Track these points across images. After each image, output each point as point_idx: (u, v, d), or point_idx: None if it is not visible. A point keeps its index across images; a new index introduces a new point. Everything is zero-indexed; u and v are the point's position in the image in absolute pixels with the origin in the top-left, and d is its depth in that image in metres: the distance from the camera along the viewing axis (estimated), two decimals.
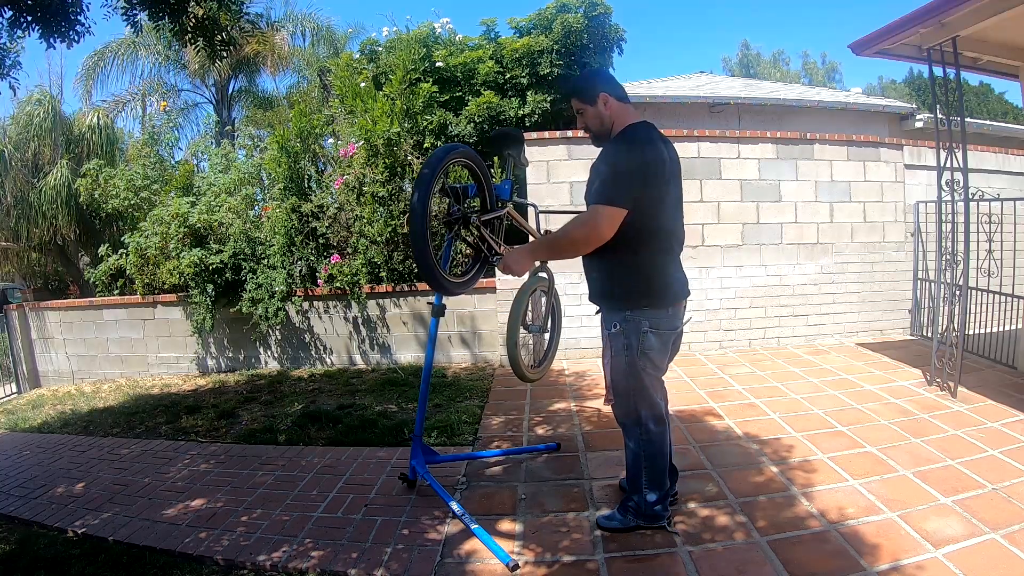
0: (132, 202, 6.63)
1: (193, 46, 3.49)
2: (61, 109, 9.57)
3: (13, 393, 7.15)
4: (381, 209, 5.38)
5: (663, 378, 2.25)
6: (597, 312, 2.31)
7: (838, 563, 2.00)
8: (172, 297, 6.12)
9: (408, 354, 5.61)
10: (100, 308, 6.61)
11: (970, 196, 3.64)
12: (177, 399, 5.09)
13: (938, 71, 3.67)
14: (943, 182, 3.72)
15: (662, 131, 2.19)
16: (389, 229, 5.34)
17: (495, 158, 4.98)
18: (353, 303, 5.56)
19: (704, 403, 3.74)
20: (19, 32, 3.04)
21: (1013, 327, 4.24)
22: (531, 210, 3.31)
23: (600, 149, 2.21)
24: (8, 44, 3.17)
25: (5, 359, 7.57)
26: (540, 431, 3.47)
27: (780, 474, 2.69)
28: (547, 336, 2.95)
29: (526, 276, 2.89)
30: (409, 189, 5.40)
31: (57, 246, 9.56)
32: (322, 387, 4.98)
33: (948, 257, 3.74)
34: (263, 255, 5.69)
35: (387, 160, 5.47)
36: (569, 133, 5.13)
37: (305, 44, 12.59)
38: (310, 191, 5.86)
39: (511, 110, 6.13)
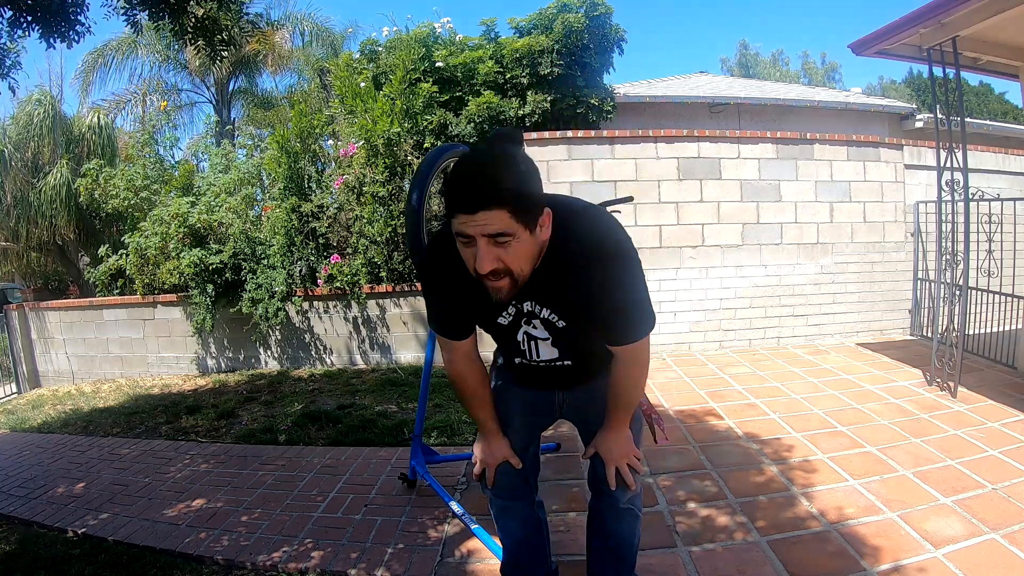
0: (132, 202, 6.62)
1: (193, 46, 3.49)
2: (61, 109, 9.58)
3: (13, 393, 7.15)
4: (381, 209, 5.38)
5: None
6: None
7: (839, 563, 2.00)
8: (172, 297, 6.12)
9: (408, 354, 5.61)
10: (100, 308, 6.61)
11: (970, 196, 3.64)
12: (177, 399, 5.09)
13: (938, 71, 3.67)
14: (943, 182, 3.71)
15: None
16: (389, 229, 5.34)
17: None
18: (353, 303, 5.56)
19: (704, 403, 3.74)
20: (19, 32, 3.04)
21: (1013, 327, 4.24)
22: None
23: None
24: (8, 44, 3.16)
25: (5, 359, 7.57)
26: None
27: (780, 474, 2.69)
28: None
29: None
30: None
31: (57, 246, 9.57)
32: (322, 387, 4.98)
33: (948, 257, 3.74)
34: (263, 255, 5.69)
35: (387, 160, 5.47)
36: (569, 133, 5.12)
37: (304, 44, 12.60)
38: (310, 191, 5.86)
39: (511, 110, 6.13)
